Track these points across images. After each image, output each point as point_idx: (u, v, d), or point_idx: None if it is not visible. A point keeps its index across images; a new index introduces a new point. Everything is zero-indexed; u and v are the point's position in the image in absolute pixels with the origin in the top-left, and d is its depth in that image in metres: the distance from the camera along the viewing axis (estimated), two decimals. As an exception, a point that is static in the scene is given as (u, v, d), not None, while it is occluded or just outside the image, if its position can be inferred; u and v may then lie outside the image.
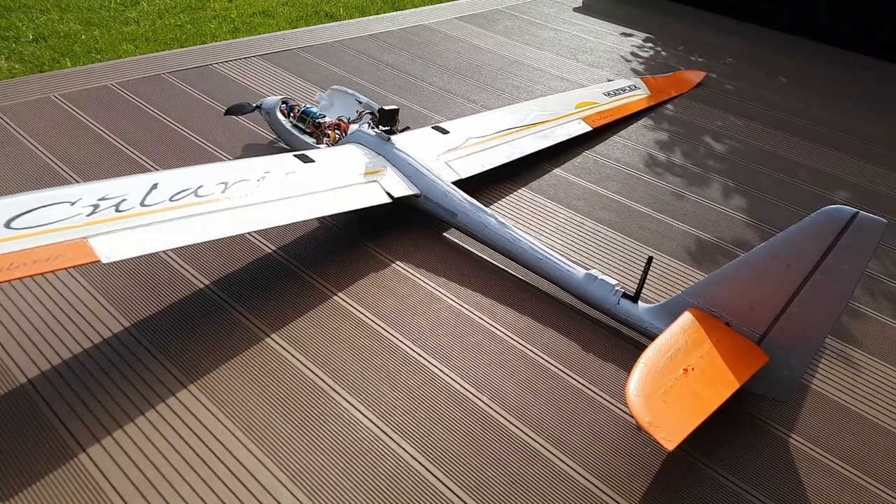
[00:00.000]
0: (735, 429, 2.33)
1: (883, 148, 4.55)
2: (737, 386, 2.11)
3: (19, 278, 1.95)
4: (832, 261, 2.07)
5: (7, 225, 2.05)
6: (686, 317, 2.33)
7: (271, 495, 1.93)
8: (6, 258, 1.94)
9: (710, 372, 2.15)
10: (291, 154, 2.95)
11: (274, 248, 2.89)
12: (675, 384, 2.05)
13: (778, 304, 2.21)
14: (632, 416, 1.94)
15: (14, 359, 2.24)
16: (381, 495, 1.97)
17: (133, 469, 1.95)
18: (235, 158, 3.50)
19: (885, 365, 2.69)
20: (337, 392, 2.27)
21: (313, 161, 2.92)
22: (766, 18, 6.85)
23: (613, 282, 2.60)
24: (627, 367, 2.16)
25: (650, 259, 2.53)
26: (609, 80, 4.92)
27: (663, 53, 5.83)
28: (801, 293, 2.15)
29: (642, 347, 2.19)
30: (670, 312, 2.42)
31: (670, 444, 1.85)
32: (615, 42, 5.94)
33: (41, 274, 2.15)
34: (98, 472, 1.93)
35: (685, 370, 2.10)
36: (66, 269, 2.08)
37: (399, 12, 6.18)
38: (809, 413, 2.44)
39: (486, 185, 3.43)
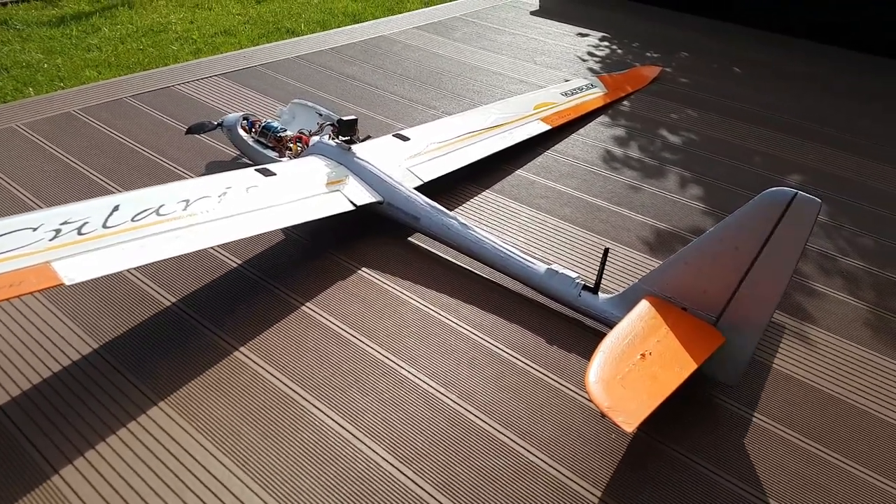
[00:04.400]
0: (697, 410, 2.40)
1: (833, 129, 4.67)
2: (694, 367, 2.17)
3: (-18, 305, 1.97)
4: (776, 240, 2.14)
5: (-32, 253, 2.08)
6: (643, 304, 2.39)
7: None
8: (-32, 286, 1.96)
9: (668, 355, 2.21)
10: (253, 168, 2.99)
11: (239, 262, 2.92)
12: (632, 369, 2.11)
13: (730, 287, 2.28)
14: (593, 403, 1.99)
15: (-17, 387, 2.25)
16: (353, 498, 2.00)
17: (105, 486, 1.97)
18: (199, 176, 3.52)
19: (840, 339, 2.78)
20: (306, 399, 2.30)
21: (275, 174, 2.95)
22: (717, 10, 7.00)
23: (574, 275, 2.66)
24: (590, 356, 2.22)
25: (606, 251, 2.60)
26: (566, 81, 5.00)
27: (619, 51, 5.94)
28: (750, 274, 2.22)
29: (604, 337, 2.25)
30: (629, 301, 2.48)
31: (629, 427, 1.91)
32: (572, 43, 6.05)
33: (6, 300, 2.17)
34: (70, 490, 1.95)
35: (643, 355, 2.17)
36: (30, 293, 2.10)
37: (358, 24, 6.24)
38: (769, 391, 2.51)
39: (449, 188, 3.49)
